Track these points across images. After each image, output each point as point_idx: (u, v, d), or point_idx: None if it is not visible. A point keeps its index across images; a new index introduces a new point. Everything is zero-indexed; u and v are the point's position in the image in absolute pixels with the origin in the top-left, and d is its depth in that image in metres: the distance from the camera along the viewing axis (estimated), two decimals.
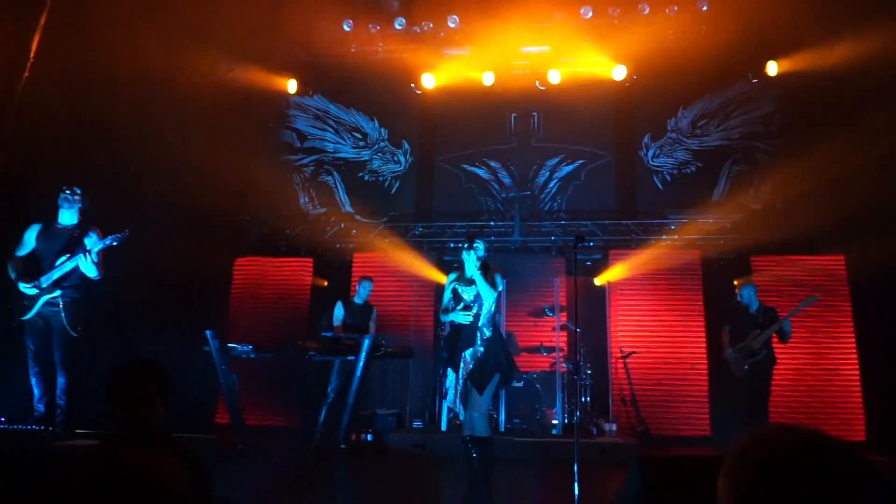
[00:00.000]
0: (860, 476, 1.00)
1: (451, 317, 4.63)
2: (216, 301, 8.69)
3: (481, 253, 4.54)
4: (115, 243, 5.30)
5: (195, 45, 8.38)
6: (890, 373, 7.30)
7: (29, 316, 5.24)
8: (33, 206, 6.14)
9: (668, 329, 8.18)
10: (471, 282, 4.53)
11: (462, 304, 4.58)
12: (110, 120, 7.39)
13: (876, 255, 7.20)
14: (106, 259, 5.39)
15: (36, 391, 5.21)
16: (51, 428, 5.03)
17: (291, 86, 9.65)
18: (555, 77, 9.26)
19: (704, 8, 8.73)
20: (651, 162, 9.38)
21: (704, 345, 8.00)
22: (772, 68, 8.78)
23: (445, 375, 4.71)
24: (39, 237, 5.36)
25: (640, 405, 7.50)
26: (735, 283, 8.26)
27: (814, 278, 8.02)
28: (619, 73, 9.13)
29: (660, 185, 9.28)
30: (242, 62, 9.48)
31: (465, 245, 4.55)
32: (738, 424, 6.67)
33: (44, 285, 5.22)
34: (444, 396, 4.92)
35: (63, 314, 5.20)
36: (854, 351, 7.74)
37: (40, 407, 5.18)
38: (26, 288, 5.24)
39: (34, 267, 5.32)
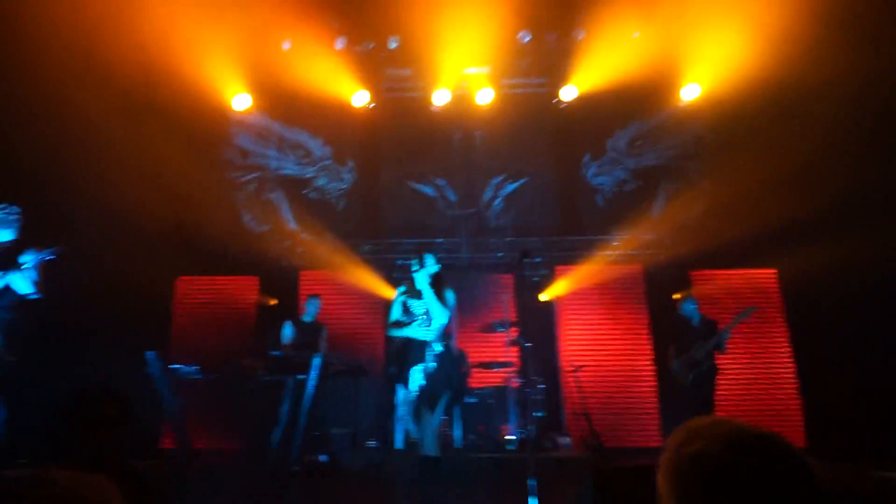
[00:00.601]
0: (790, 465, 1.03)
1: (406, 332, 4.48)
2: (158, 321, 8.28)
3: (433, 269, 4.48)
4: (51, 257, 5.00)
5: (133, 60, 8.11)
6: (825, 381, 7.69)
7: None
8: None
9: (616, 342, 8.37)
10: (421, 295, 4.45)
11: (416, 319, 4.48)
12: (41, 133, 7.00)
13: (805, 268, 7.64)
14: (45, 277, 5.07)
15: None
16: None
17: (238, 102, 9.39)
18: (496, 97, 9.45)
19: (636, 35, 9.13)
20: (592, 180, 9.66)
21: (651, 356, 8.22)
22: (692, 92, 9.20)
23: (395, 392, 4.64)
24: None
25: (592, 418, 7.59)
26: (675, 297, 8.56)
27: (749, 291, 8.41)
28: (569, 92, 9.36)
29: (601, 203, 9.55)
30: (183, 78, 9.22)
31: (416, 262, 4.47)
32: None
33: None
34: (395, 414, 4.75)
35: None
36: (790, 360, 8.13)
37: None
38: None
39: None
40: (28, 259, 4.97)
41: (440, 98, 9.41)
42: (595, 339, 8.41)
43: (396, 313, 4.60)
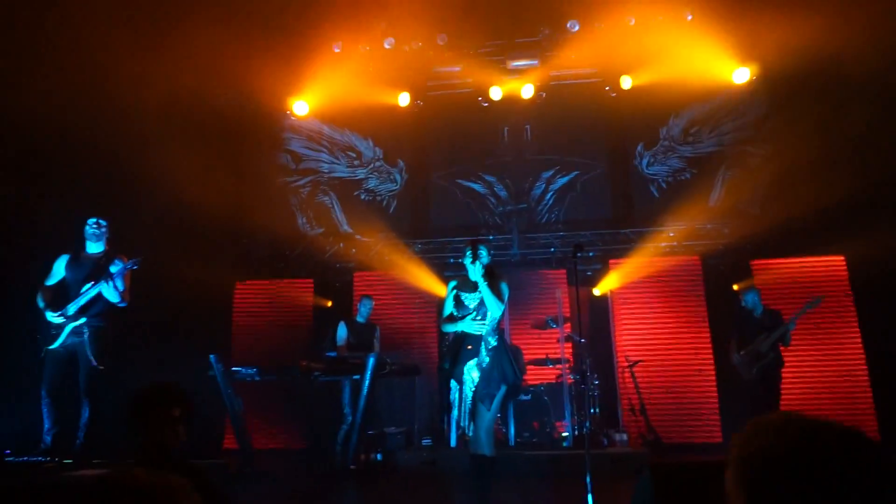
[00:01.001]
0: (870, 460, 0.98)
1: (461, 326, 4.33)
2: (219, 325, 8.62)
3: (485, 260, 4.33)
4: (135, 267, 5.29)
5: (189, 71, 8.41)
6: None
7: (55, 345, 5.17)
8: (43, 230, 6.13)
9: (673, 336, 8.17)
10: (474, 287, 4.33)
11: (469, 313, 4.33)
12: (108, 147, 7.37)
13: (876, 253, 7.25)
14: (130, 286, 5.36)
15: (46, 422, 5.12)
16: (56, 459, 4.93)
17: (299, 107, 9.58)
18: (545, 90, 9.34)
19: (689, 17, 8.83)
20: (646, 170, 9.43)
21: (710, 350, 7.99)
22: (745, 75, 8.84)
23: (448, 389, 4.41)
24: (68, 266, 5.36)
25: (649, 414, 7.44)
26: (735, 287, 8.28)
27: (815, 279, 8.05)
28: (623, 81, 9.14)
29: (656, 193, 9.31)
30: (235, 87, 9.51)
31: (469, 252, 4.33)
32: None
33: (69, 313, 5.18)
34: (450, 412, 4.60)
35: (87, 344, 5.14)
36: (861, 350, 7.74)
37: (48, 438, 5.08)
38: (53, 317, 5.20)
39: (62, 296, 5.28)
40: (116, 269, 5.24)
41: (489, 94, 9.37)
42: (651, 333, 8.22)
43: (449, 307, 4.48)
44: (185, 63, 7.81)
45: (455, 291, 4.44)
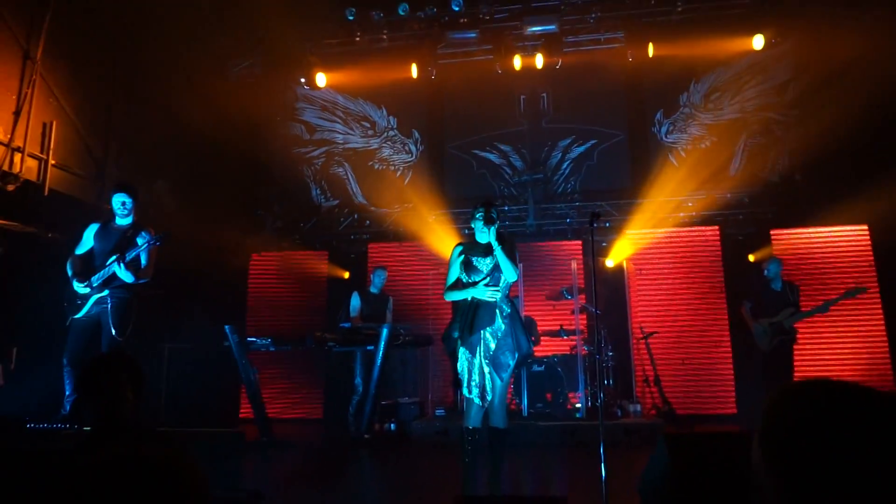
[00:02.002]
0: None
1: (472, 293, 3.99)
2: (234, 297, 8.72)
3: (497, 223, 4.02)
4: (158, 243, 5.26)
5: (200, 42, 8.36)
6: None
7: (80, 315, 5.21)
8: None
9: (690, 307, 8.09)
10: (486, 251, 4.01)
11: (483, 278, 4.00)
12: (123, 122, 7.40)
13: None
14: (155, 260, 5.34)
15: (66, 390, 5.21)
16: (76, 426, 5.03)
17: (318, 78, 9.48)
18: (562, 57, 9.12)
19: None
20: (665, 138, 9.24)
21: (727, 321, 7.90)
22: (758, 41, 8.54)
23: (456, 359, 4.09)
24: (97, 236, 5.32)
25: (663, 385, 7.41)
26: (751, 258, 8.15)
27: (837, 250, 7.87)
28: (648, 48, 8.83)
29: (675, 162, 9.13)
30: (246, 57, 9.45)
31: (482, 212, 4.01)
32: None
33: (94, 284, 5.18)
34: (461, 386, 4.27)
35: (110, 315, 5.16)
36: (882, 322, 7.59)
37: (67, 406, 5.18)
38: (79, 287, 5.22)
39: (90, 266, 5.29)
40: (142, 241, 5.24)
41: (505, 61, 9.18)
42: (667, 304, 8.15)
43: (455, 273, 4.13)
44: (195, 31, 7.75)
45: (463, 256, 4.09)
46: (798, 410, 0.98)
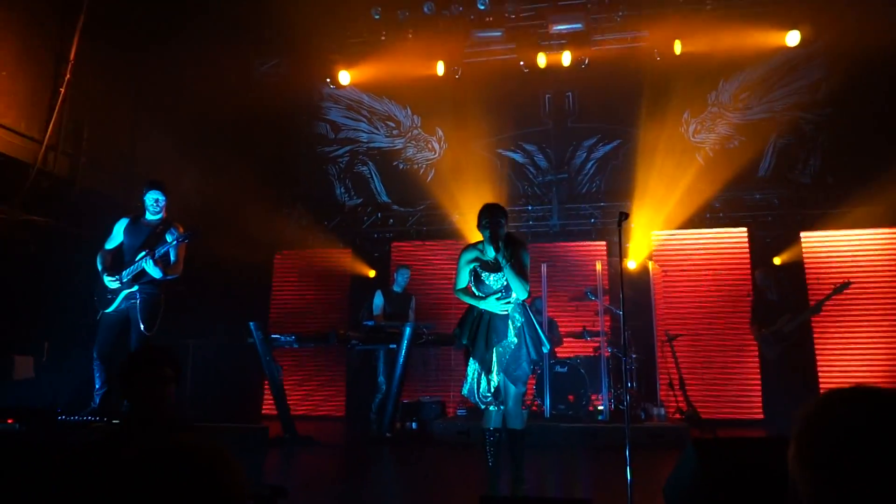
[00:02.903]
0: None
1: (484, 305, 4.00)
2: (259, 294, 8.80)
3: (504, 231, 3.91)
4: (187, 241, 5.31)
5: (227, 42, 8.46)
6: None
7: (110, 309, 5.27)
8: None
9: (716, 310, 7.97)
10: (497, 267, 3.95)
11: (493, 293, 4.01)
12: (151, 120, 7.51)
13: None
14: (184, 257, 5.37)
15: (97, 383, 5.28)
16: (105, 418, 5.11)
17: (342, 77, 9.51)
18: (588, 55, 9.03)
19: None
20: (692, 138, 9.11)
21: None
22: (796, 38, 8.37)
23: (467, 363, 4.19)
24: (126, 231, 5.37)
25: (688, 389, 7.31)
26: (777, 260, 8.03)
27: (868, 254, 7.70)
28: (676, 47, 8.67)
29: (702, 162, 9.00)
30: (273, 56, 9.53)
31: (487, 225, 3.87)
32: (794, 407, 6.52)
33: (124, 280, 5.23)
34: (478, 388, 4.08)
35: (139, 310, 5.21)
36: None
37: (97, 398, 5.26)
38: (109, 281, 5.28)
39: (120, 261, 5.34)
40: (171, 238, 5.28)
41: (530, 60, 9.13)
42: (693, 306, 8.04)
43: (464, 281, 4.10)
44: (220, 31, 7.83)
45: (473, 265, 4.03)
46: (843, 419, 0.94)
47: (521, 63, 9.23)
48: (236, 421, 6.28)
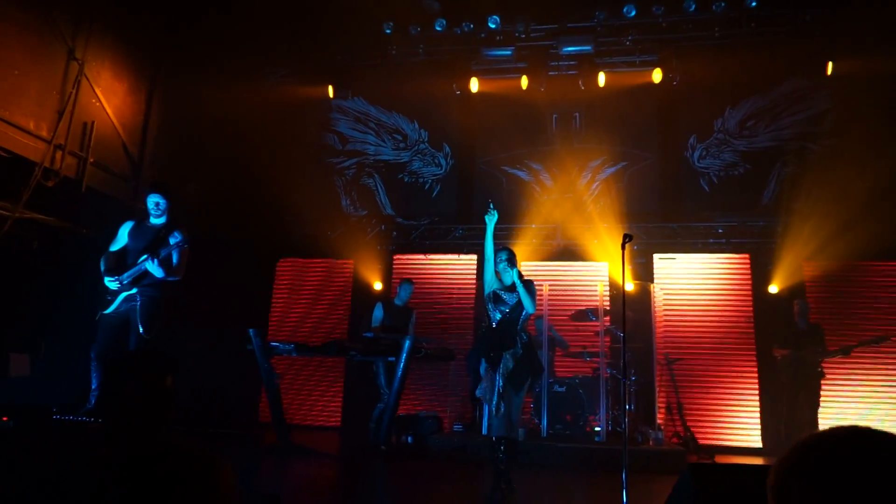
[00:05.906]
0: None
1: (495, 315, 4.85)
2: (259, 301, 8.77)
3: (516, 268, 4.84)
4: (187, 246, 5.31)
5: (237, 51, 8.53)
6: None
7: (109, 311, 5.26)
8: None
9: (717, 335, 7.93)
10: (511, 288, 4.80)
11: (507, 309, 4.80)
12: (159, 125, 7.54)
13: None
14: (186, 261, 5.37)
15: (93, 383, 5.25)
16: (100, 419, 5.07)
17: (345, 92, 9.60)
18: (597, 77, 9.10)
19: (753, 4, 8.47)
20: (697, 163, 9.14)
21: (754, 352, 7.73)
22: (812, 68, 8.46)
23: (478, 378, 4.83)
24: (131, 234, 5.39)
25: (687, 413, 7.27)
26: (776, 288, 8.02)
27: (872, 285, 7.69)
28: (682, 71, 8.83)
29: (706, 188, 9.02)
30: (284, 66, 9.60)
31: (506, 258, 4.83)
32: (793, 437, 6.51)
33: (124, 281, 5.23)
34: (476, 400, 5.25)
35: (138, 313, 5.20)
36: None
37: (93, 399, 5.23)
38: (110, 283, 5.28)
39: (123, 263, 5.35)
40: (174, 241, 5.28)
41: (539, 79, 9.19)
42: (694, 332, 8.01)
43: (491, 285, 4.91)
44: (236, 43, 7.90)
45: (496, 289, 4.87)
46: (823, 463, 0.92)
47: (530, 82, 9.29)
48: (232, 428, 6.24)
